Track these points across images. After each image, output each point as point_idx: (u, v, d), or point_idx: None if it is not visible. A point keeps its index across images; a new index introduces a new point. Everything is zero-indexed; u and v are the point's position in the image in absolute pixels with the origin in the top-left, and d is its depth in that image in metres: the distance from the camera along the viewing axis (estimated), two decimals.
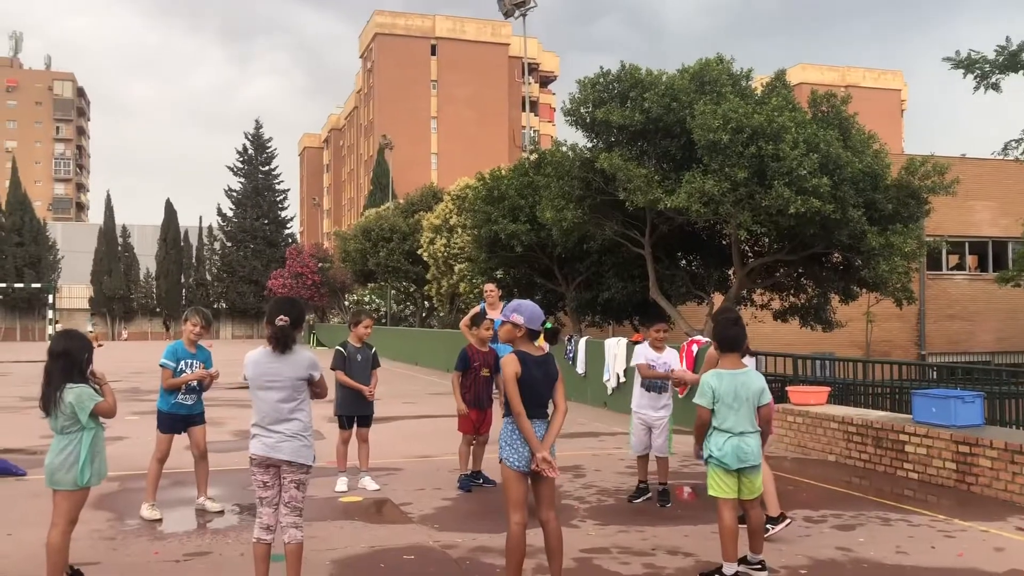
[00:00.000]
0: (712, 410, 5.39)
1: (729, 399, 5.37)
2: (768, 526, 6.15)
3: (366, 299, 48.77)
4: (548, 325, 5.03)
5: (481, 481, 8.48)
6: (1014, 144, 21.18)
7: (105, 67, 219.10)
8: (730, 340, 5.52)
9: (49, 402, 5.05)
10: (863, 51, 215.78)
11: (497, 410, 7.38)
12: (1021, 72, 19.96)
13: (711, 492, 5.41)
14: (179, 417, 7.21)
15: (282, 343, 4.92)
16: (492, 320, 8.34)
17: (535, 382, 4.85)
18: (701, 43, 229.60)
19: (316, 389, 5.09)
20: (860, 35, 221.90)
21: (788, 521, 6.46)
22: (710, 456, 5.39)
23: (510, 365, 4.83)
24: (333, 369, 8.09)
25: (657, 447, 7.86)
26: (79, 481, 5.05)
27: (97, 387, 5.19)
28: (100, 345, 45.19)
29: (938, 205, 17.47)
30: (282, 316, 4.94)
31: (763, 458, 5.59)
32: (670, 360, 7.87)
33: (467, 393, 8.39)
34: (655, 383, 7.85)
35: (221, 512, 7.27)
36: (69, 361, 5.10)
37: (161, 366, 7.11)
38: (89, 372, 5.19)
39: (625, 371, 14.61)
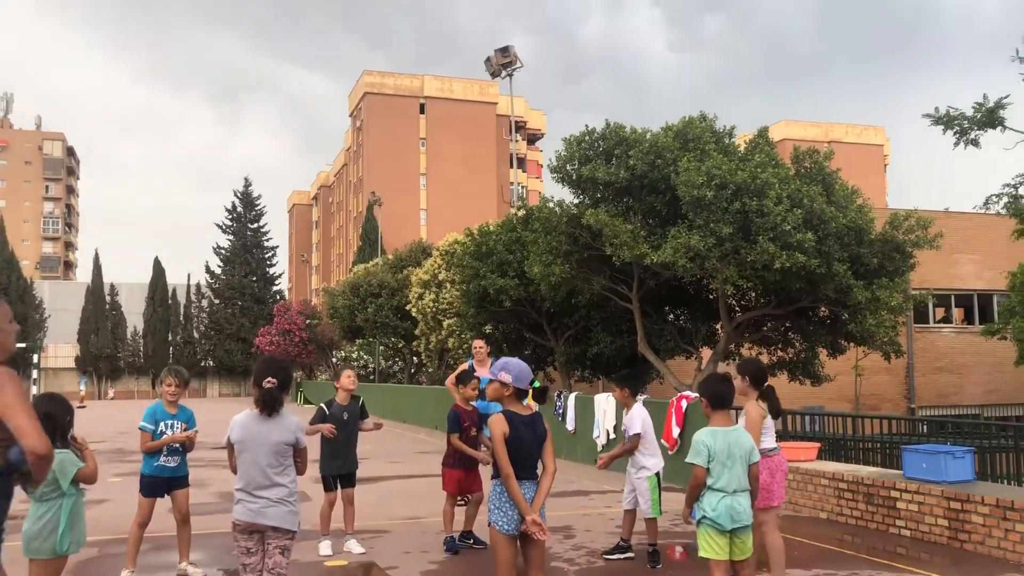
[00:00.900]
0: (707, 469, 5.32)
1: (723, 457, 5.31)
2: None
3: (354, 355, 48.53)
4: (536, 384, 4.98)
5: (472, 542, 8.33)
6: (995, 199, 21.46)
7: (96, 126, 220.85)
8: (720, 397, 5.48)
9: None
10: (845, 106, 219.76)
11: (485, 469, 7.29)
12: (999, 128, 20.29)
13: (702, 554, 5.32)
14: (162, 480, 7.08)
15: (269, 406, 4.86)
16: (479, 379, 8.28)
17: (523, 443, 4.78)
18: (685, 100, 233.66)
19: (298, 459, 4.99)
20: (842, 91, 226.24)
21: None
22: (703, 517, 5.31)
23: (498, 425, 4.76)
24: (310, 424, 7.97)
25: (641, 508, 7.78)
26: (58, 549, 4.92)
27: (78, 452, 5.10)
28: (83, 406, 44.66)
29: (923, 259, 17.61)
30: (270, 378, 4.88)
31: (776, 525, 5.53)
32: (627, 421, 7.90)
33: (454, 452, 8.28)
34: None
35: None
36: (51, 425, 5.00)
37: (140, 429, 6.99)
38: (70, 436, 5.10)
39: (615, 427, 14.51)
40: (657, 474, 7.86)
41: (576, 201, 17.52)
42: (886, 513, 8.89)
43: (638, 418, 7.88)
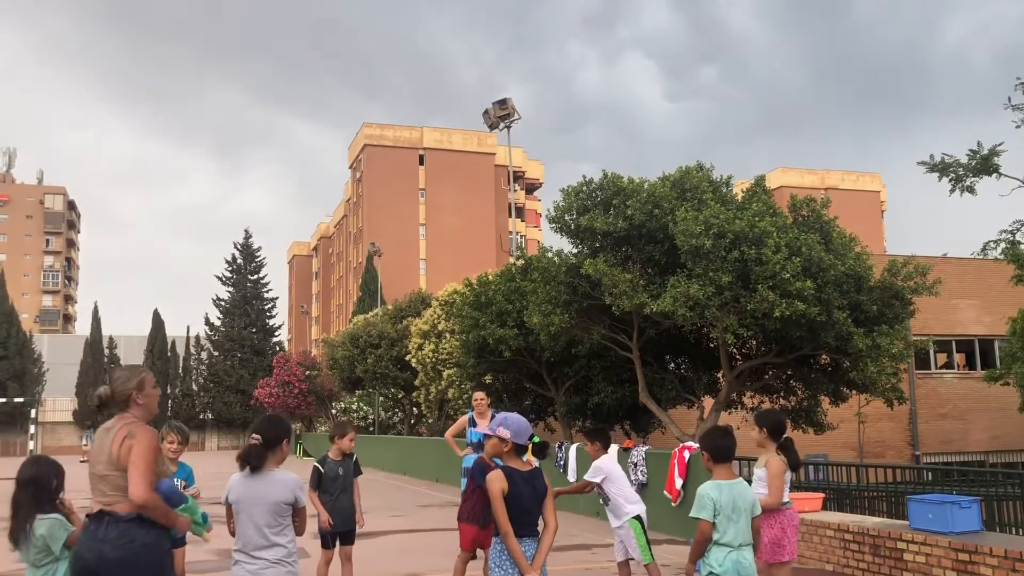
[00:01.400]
0: (713, 523, 5.25)
1: (728, 511, 5.25)
2: None
3: (353, 407, 48.28)
4: (536, 440, 4.93)
5: None
6: (993, 244, 21.52)
7: (96, 179, 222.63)
8: (722, 450, 5.44)
9: (19, 535, 4.81)
10: (840, 153, 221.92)
11: None
12: (994, 175, 20.42)
13: None
14: None
15: (245, 461, 4.79)
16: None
17: (523, 499, 4.72)
18: (681, 147, 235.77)
19: (296, 519, 4.89)
20: (836, 138, 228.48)
21: None
22: (710, 573, 5.22)
23: (496, 482, 4.71)
24: (311, 488, 7.88)
25: (633, 557, 7.71)
26: None
27: (66, 516, 4.98)
28: (85, 460, 44.26)
29: (923, 305, 17.62)
30: (255, 435, 4.84)
31: None
32: (592, 471, 7.85)
33: (465, 505, 8.17)
34: (602, 494, 7.88)
35: None
36: (37, 489, 4.90)
37: None
38: (59, 500, 5.00)
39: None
40: (639, 518, 7.74)
41: (575, 251, 17.59)
42: (893, 564, 8.76)
43: (603, 468, 7.81)
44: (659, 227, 15.76)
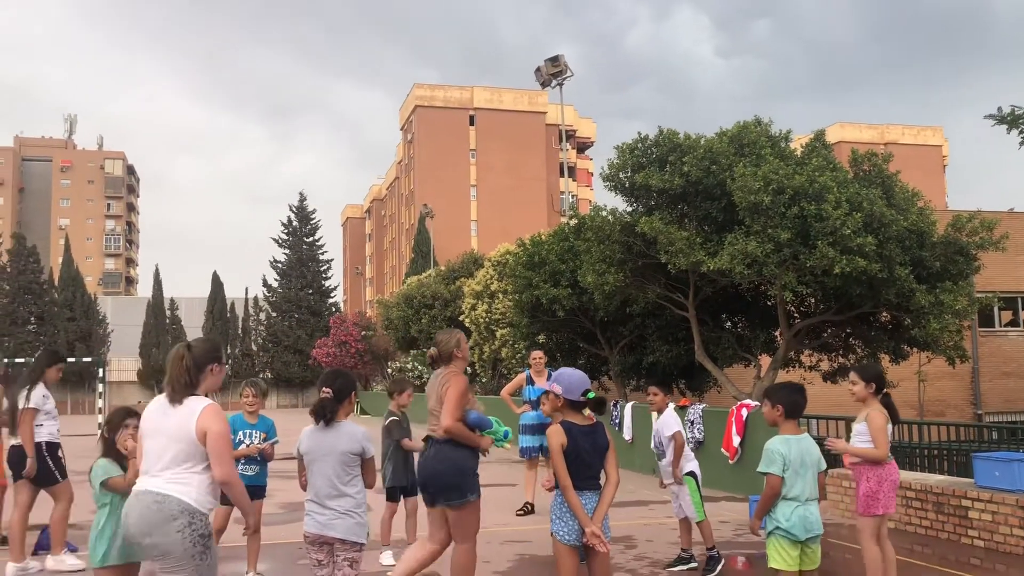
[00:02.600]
0: (781, 478, 5.25)
1: (797, 465, 5.26)
2: None
3: (408, 366, 48.88)
4: (591, 395, 4.93)
5: None
6: None
7: (152, 146, 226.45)
8: (798, 406, 5.42)
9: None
10: (898, 109, 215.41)
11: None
12: None
13: (772, 564, 5.24)
14: None
15: (319, 415, 4.91)
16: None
17: (583, 452, 4.77)
18: (734, 105, 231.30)
19: (366, 472, 4.99)
20: (893, 93, 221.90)
21: None
22: (776, 527, 5.23)
23: (556, 436, 4.77)
24: (398, 440, 8.02)
25: (686, 513, 7.68)
26: (96, 558, 4.83)
27: (117, 459, 5.02)
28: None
29: (988, 261, 17.16)
30: (325, 388, 4.96)
31: (875, 535, 5.59)
32: (661, 426, 7.72)
33: None
34: (658, 451, 7.82)
35: None
36: (104, 435, 5.09)
37: None
38: (121, 442, 5.04)
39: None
40: (693, 474, 7.73)
41: (629, 209, 17.44)
42: (957, 522, 8.66)
43: (673, 419, 7.76)
44: (716, 184, 15.54)
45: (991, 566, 7.64)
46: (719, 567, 7.46)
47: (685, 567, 7.67)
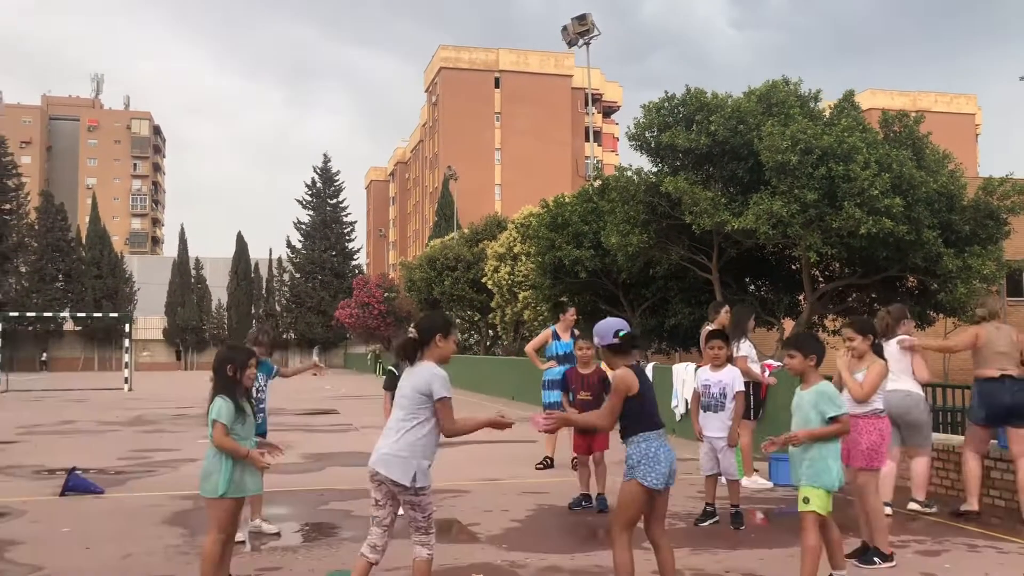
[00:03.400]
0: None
1: None
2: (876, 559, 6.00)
3: None
4: (621, 334, 4.94)
5: (585, 505, 8.29)
6: None
7: (177, 107, 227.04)
8: (824, 355, 5.42)
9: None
10: (922, 79, 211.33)
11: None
12: None
13: (817, 510, 5.13)
14: None
15: (399, 353, 4.86)
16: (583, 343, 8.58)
17: (650, 390, 4.85)
18: (751, 78, 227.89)
19: (439, 415, 4.68)
20: (916, 63, 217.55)
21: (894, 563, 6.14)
22: (830, 480, 5.20)
23: (627, 379, 4.77)
24: (384, 389, 8.17)
25: (724, 469, 7.66)
26: (214, 491, 5.09)
27: (233, 398, 5.20)
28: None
29: (1018, 226, 16.90)
30: (412, 327, 4.94)
31: (877, 488, 5.76)
32: (727, 379, 7.66)
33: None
34: (711, 403, 7.70)
35: (277, 534, 7.22)
36: (219, 374, 5.23)
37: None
38: (247, 381, 5.29)
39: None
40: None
41: (654, 169, 17.32)
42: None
43: (739, 377, 7.75)
44: (743, 143, 15.38)
45: (1012, 525, 7.59)
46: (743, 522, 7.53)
47: (710, 521, 7.68)
